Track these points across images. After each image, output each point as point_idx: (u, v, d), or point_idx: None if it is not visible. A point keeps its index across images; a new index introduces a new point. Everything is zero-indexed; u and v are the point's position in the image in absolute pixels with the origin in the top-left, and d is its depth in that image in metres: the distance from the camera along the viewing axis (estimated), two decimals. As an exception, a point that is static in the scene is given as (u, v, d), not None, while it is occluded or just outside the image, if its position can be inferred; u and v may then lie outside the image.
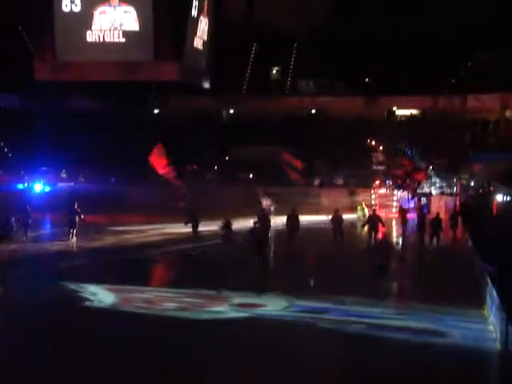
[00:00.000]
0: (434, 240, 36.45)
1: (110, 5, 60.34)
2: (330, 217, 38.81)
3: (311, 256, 34.36)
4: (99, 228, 41.34)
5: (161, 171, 52.55)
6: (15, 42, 62.47)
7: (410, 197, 50.89)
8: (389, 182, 53.37)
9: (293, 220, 36.82)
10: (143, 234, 40.10)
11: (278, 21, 62.37)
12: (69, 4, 60.85)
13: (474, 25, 55.88)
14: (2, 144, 60.78)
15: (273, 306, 23.06)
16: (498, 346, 18.55)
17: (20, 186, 56.77)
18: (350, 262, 31.87)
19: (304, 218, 39.82)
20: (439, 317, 21.62)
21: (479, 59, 59.62)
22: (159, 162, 52.31)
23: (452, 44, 57.49)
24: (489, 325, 20.56)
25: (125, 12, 60.20)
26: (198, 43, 63.14)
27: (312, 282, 27.70)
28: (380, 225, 36.87)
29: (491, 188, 47.80)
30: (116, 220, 44.56)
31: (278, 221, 38.56)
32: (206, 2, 62.71)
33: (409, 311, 22.61)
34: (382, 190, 52.56)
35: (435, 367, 17.23)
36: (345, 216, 39.68)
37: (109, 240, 38.17)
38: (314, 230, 41.46)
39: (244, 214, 39.04)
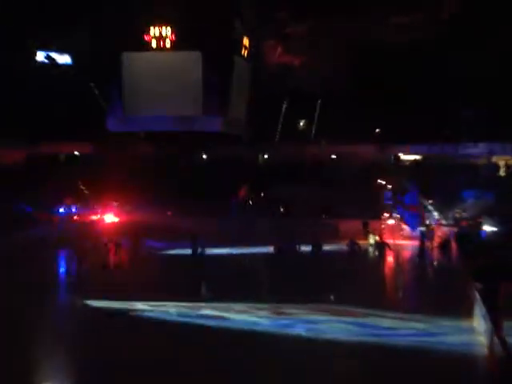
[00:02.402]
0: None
1: (170, 71, 61.31)
2: (346, 243, 40.13)
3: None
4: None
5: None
6: (90, 100, 63.40)
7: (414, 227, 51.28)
8: (396, 215, 53.69)
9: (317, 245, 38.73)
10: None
11: (304, 83, 63.08)
12: (134, 71, 61.97)
13: (464, 86, 55.89)
14: (80, 183, 61.84)
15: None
16: (485, 350, 19.03)
17: (94, 217, 57.81)
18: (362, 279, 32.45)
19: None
20: (437, 326, 22.12)
21: (469, 114, 59.73)
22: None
23: (446, 101, 57.57)
24: (477, 334, 20.94)
25: (181, 77, 61.26)
26: (240, 101, 63.86)
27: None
28: (387, 249, 38.19)
29: (480, 220, 48.00)
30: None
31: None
32: (246, 69, 63.47)
33: (409, 321, 23.11)
34: (391, 221, 52.79)
35: (434, 366, 17.80)
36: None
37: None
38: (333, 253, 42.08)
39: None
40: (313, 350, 19.74)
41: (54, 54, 63.67)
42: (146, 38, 61.13)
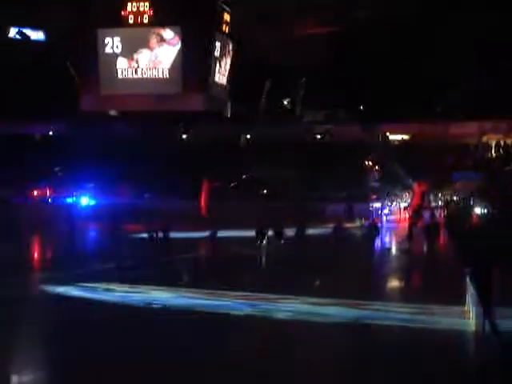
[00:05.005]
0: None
1: (148, 48, 60.71)
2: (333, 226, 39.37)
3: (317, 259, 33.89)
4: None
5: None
6: (64, 78, 62.36)
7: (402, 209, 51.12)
8: (385, 197, 53.36)
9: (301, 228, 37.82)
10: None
11: (288, 60, 62.32)
12: (111, 47, 61.28)
13: (456, 62, 55.48)
14: (54, 164, 61.04)
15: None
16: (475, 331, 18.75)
17: (69, 200, 56.96)
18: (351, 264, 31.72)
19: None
20: (431, 308, 21.75)
21: (460, 91, 59.19)
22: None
23: (437, 77, 57.08)
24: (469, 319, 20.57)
25: (159, 53, 60.60)
26: (221, 79, 63.33)
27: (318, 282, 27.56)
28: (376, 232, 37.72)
29: (471, 202, 47.66)
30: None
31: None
32: (228, 45, 63.02)
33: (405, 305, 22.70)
34: (378, 203, 52.34)
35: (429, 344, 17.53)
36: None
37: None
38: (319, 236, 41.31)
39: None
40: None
41: (27, 31, 62.81)
42: (123, 13, 60.41)
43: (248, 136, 67.06)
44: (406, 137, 63.83)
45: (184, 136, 67.39)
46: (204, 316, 20.32)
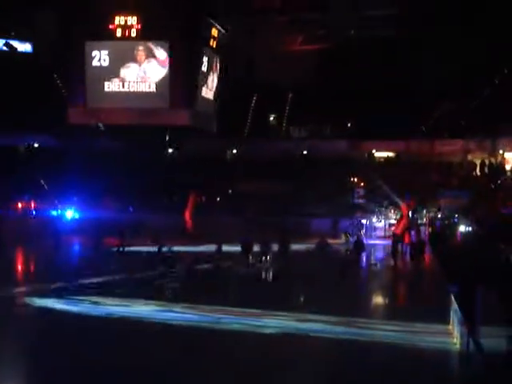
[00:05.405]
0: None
1: (136, 62, 60.62)
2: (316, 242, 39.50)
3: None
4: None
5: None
6: (50, 90, 62.15)
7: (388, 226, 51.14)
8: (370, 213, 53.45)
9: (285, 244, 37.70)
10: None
11: (274, 76, 62.40)
12: (98, 60, 61.17)
13: (441, 80, 55.84)
14: (39, 177, 60.55)
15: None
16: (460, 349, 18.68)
17: (53, 213, 56.54)
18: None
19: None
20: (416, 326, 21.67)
21: (445, 110, 59.45)
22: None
23: (423, 95, 57.37)
24: (453, 337, 20.49)
25: (147, 68, 60.53)
26: (208, 94, 63.28)
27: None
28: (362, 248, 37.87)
29: (455, 220, 47.77)
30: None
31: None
32: (215, 60, 63.05)
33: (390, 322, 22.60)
34: (363, 220, 52.33)
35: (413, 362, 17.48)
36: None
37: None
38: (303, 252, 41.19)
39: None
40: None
41: (14, 42, 62.62)
42: (111, 26, 60.33)
43: (234, 151, 67.01)
44: (391, 154, 64.02)
45: (170, 150, 67.22)
46: (181, 330, 20.53)
